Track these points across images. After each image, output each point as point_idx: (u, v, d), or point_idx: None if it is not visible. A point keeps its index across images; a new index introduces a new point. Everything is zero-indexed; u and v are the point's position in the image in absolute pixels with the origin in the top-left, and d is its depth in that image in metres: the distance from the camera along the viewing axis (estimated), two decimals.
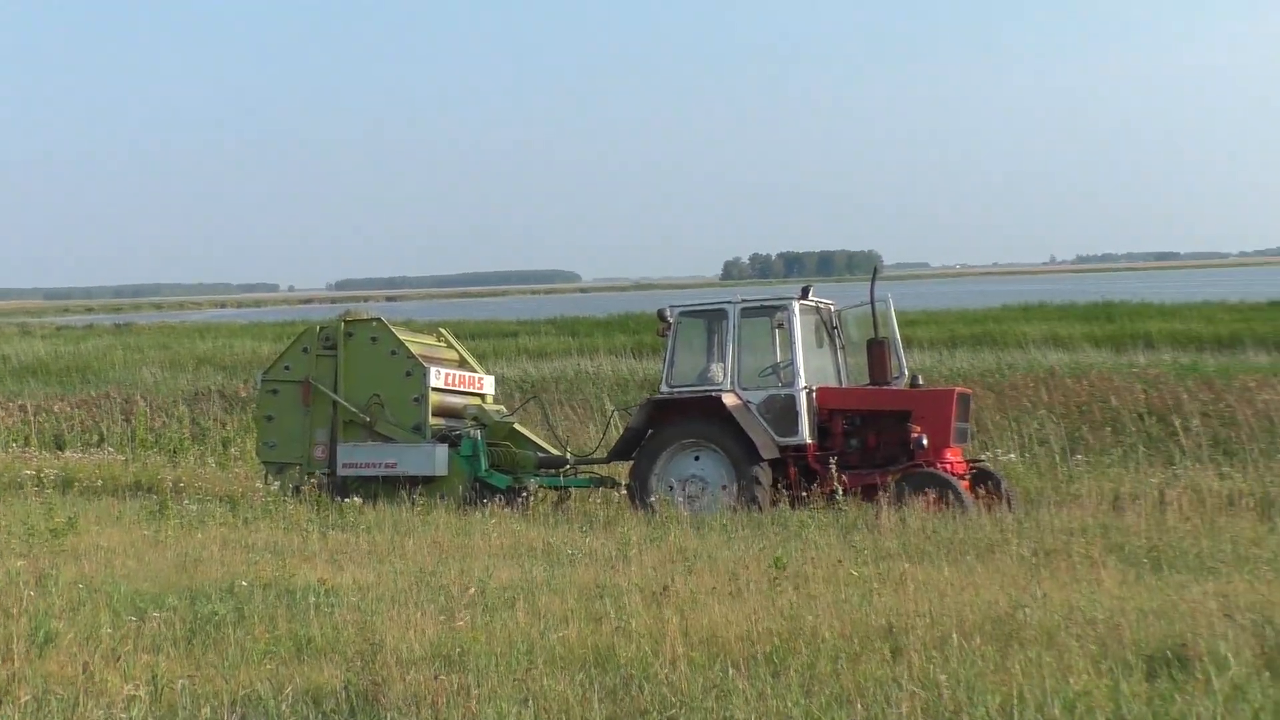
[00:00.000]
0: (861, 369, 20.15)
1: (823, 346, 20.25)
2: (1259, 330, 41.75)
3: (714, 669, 9.60)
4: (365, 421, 21.23)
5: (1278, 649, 9.62)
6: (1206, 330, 43.08)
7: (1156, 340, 41.20)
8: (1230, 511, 16.15)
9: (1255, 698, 8.51)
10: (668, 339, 20.11)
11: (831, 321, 20.43)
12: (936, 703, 8.69)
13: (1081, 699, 8.62)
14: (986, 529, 15.26)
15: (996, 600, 11.35)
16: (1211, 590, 11.49)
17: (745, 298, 20.21)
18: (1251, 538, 14.26)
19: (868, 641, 10.21)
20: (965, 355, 38.04)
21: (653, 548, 15.12)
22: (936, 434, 18.79)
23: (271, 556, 14.91)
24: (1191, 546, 13.97)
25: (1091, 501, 17.43)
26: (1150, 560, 13.47)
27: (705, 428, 19.29)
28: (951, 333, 44.81)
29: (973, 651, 9.74)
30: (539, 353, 45.41)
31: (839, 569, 13.02)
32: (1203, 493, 17.74)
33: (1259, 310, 51.31)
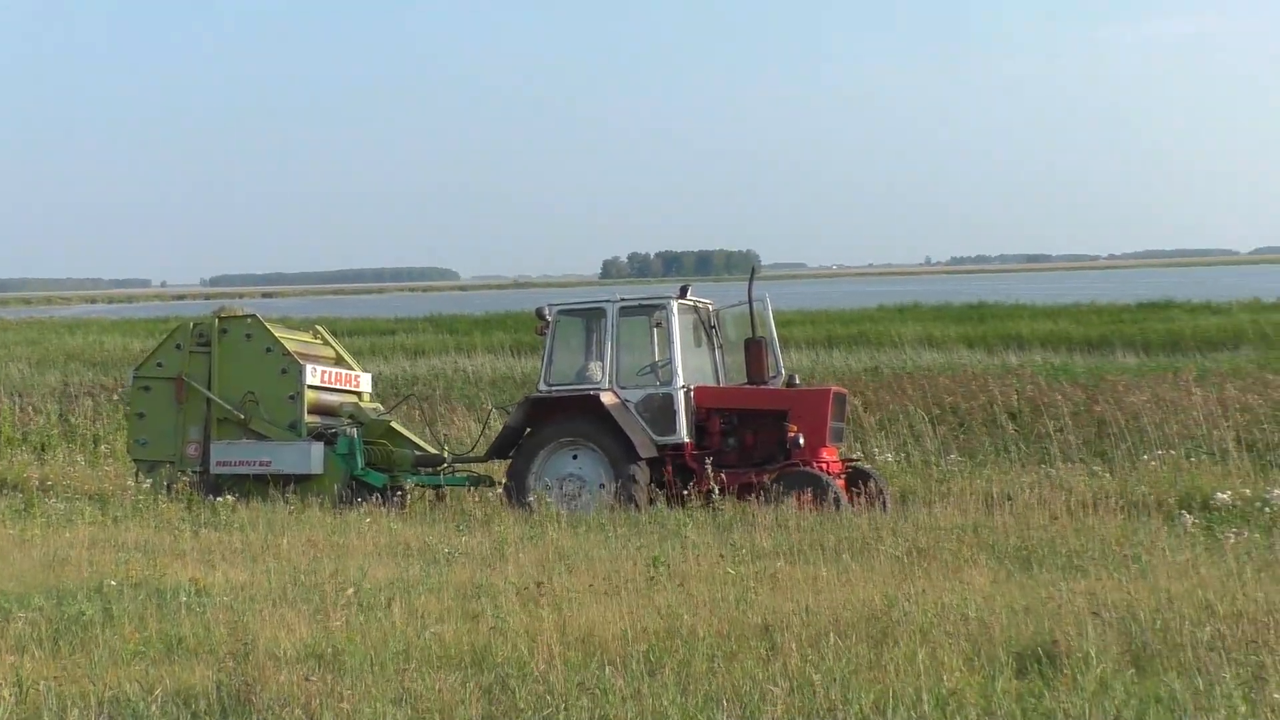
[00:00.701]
0: (739, 368, 20.26)
1: (701, 346, 20.32)
2: (1127, 332, 42.56)
3: (590, 668, 9.59)
4: (240, 419, 20.97)
5: (1143, 646, 9.80)
6: (1077, 331, 43.83)
7: (1028, 341, 41.85)
8: (1099, 511, 16.41)
9: (1120, 694, 8.66)
10: (546, 337, 20.08)
11: (709, 321, 20.50)
12: (811, 701, 8.75)
13: (953, 696, 8.73)
14: (862, 528, 15.39)
15: (871, 598, 11.45)
16: (1080, 588, 11.68)
17: (624, 297, 20.22)
18: (1119, 536, 14.51)
19: (744, 640, 10.25)
20: (842, 355, 38.41)
21: (530, 547, 15.08)
22: (813, 433, 18.92)
23: (142, 556, 14.68)
24: (1061, 545, 14.19)
25: (964, 501, 17.65)
26: (1021, 559, 13.67)
27: (583, 426, 19.28)
28: (828, 333, 45.18)
29: (847, 649, 9.82)
30: (417, 350, 45.14)
31: (716, 568, 13.07)
32: (1072, 492, 18.02)
33: (1128, 312, 52.31)
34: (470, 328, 55.20)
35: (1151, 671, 9.34)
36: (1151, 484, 18.64)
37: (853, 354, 38.71)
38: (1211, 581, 11.57)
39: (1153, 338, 41.22)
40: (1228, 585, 11.41)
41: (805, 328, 46.64)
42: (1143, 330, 42.88)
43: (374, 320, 63.91)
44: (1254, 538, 14.13)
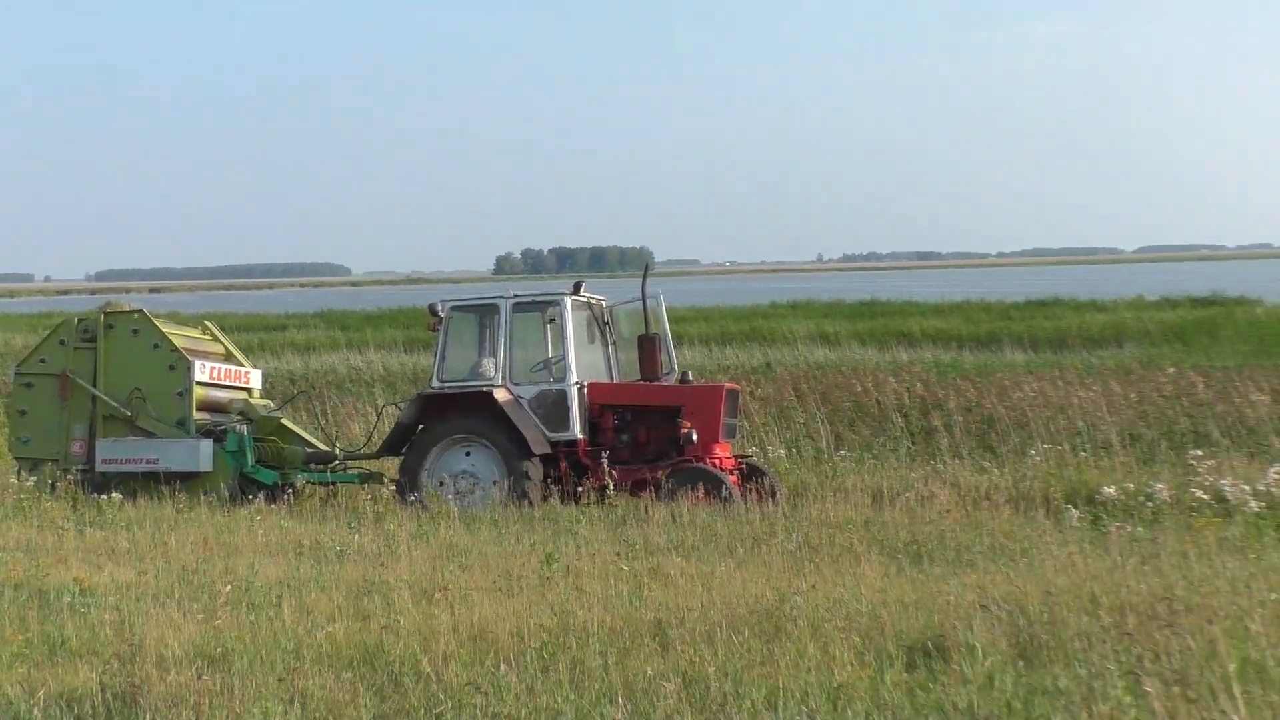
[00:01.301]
0: (633, 365, 20.28)
1: (594, 342, 20.32)
2: (1015, 329, 43.14)
3: (484, 665, 9.56)
4: (126, 416, 20.68)
5: (1030, 638, 9.93)
6: (966, 328, 44.36)
7: (919, 338, 42.30)
8: (987, 505, 16.60)
9: (1007, 686, 8.77)
10: (439, 334, 19.99)
11: (603, 317, 20.51)
12: (704, 695, 8.79)
13: (844, 689, 8.80)
14: (754, 523, 15.47)
15: (763, 594, 11.50)
16: (969, 582, 11.81)
17: (517, 293, 20.17)
18: (1007, 530, 14.69)
19: (637, 636, 10.26)
20: (735, 352, 38.59)
21: (423, 544, 15.01)
22: (706, 429, 18.99)
23: (24, 556, 14.43)
24: (950, 540, 14.34)
25: (856, 496, 17.79)
26: (911, 553, 13.80)
27: (476, 423, 19.22)
28: (721, 329, 45.37)
29: (740, 644, 9.87)
30: (308, 347, 44.76)
31: (609, 564, 13.08)
32: (962, 487, 18.23)
33: (1016, 309, 53.03)
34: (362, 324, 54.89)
35: (1038, 663, 9.46)
36: (1039, 479, 18.88)
37: (746, 351, 38.91)
38: (1097, 574, 11.74)
39: (1040, 335, 41.83)
40: (1112, 578, 11.58)
41: (699, 324, 46.82)
42: (1030, 327, 43.48)
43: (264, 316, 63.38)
44: (1138, 531, 14.36)
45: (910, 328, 44.51)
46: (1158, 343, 38.58)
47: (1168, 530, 14.25)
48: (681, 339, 33.52)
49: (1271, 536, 13.95)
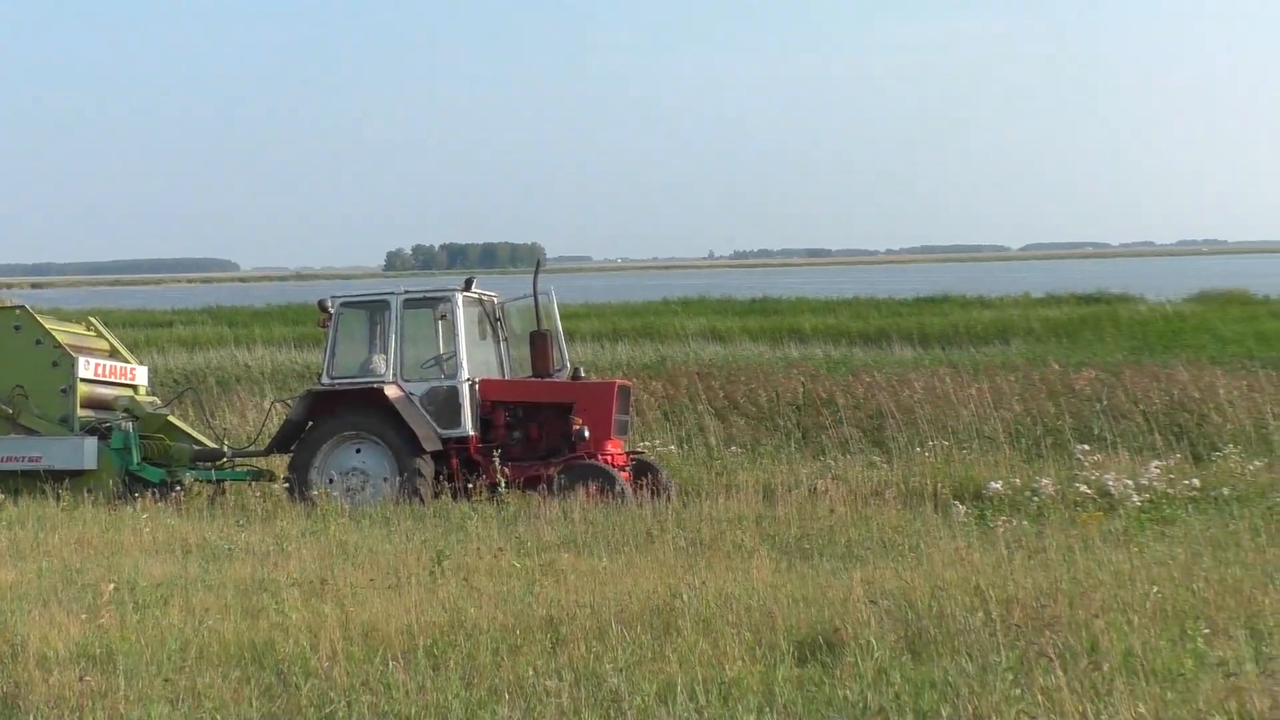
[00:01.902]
0: (525, 361, 20.24)
1: (486, 339, 20.26)
2: (904, 326, 43.54)
3: (374, 663, 9.50)
4: (7, 414, 20.32)
5: (919, 632, 10.03)
6: (856, 325, 44.71)
7: (810, 335, 42.57)
8: (877, 501, 16.74)
9: (897, 680, 8.85)
10: (329, 330, 19.85)
11: (495, 314, 20.45)
12: (595, 692, 8.79)
13: (736, 685, 8.84)
14: (646, 520, 15.49)
15: (655, 590, 11.52)
16: (859, 577, 11.90)
17: (408, 289, 20.07)
18: (896, 525, 14.83)
19: (529, 632, 10.25)
20: (627, 348, 38.61)
21: (312, 541, 14.88)
22: (598, 426, 19.00)
23: None
24: (841, 535, 14.45)
25: (747, 492, 17.87)
26: (802, 549, 13.89)
27: (366, 420, 19.10)
28: (613, 325, 45.38)
29: (632, 640, 9.88)
30: (194, 343, 44.21)
31: (500, 561, 13.05)
32: (852, 483, 18.37)
33: (905, 306, 53.54)
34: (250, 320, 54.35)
35: (927, 657, 9.56)
36: (927, 474, 19.07)
37: (638, 347, 38.95)
38: (984, 568, 11.87)
39: (928, 331, 42.23)
40: (999, 572, 11.72)
41: (591, 321, 46.80)
42: (919, 324, 43.90)
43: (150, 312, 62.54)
44: (1024, 525, 14.55)
45: (801, 324, 44.79)
46: (1044, 339, 39.09)
47: (1053, 525, 14.47)
48: (573, 335, 33.50)
49: (1153, 530, 14.18)
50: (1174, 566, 11.88)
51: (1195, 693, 8.45)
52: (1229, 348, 31.67)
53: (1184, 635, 9.81)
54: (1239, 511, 15.07)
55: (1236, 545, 12.92)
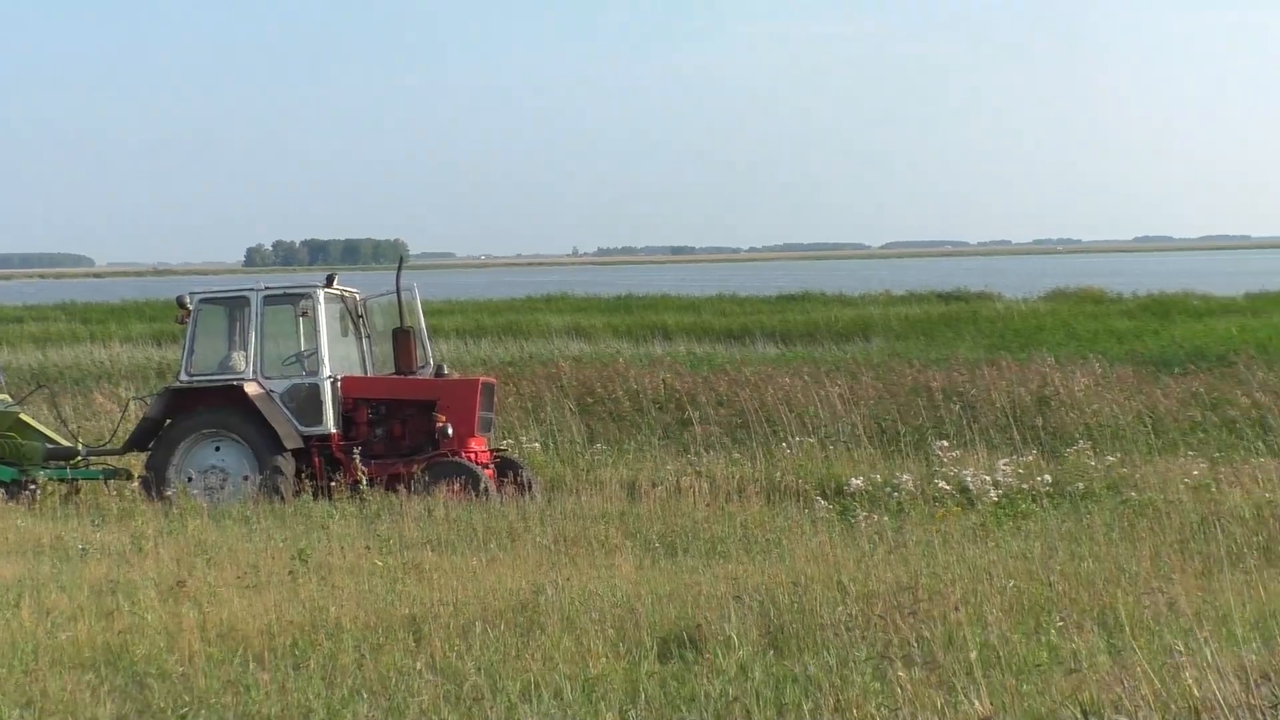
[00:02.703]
0: (387, 358, 20.10)
1: (348, 335, 20.10)
2: (767, 323, 43.90)
3: (233, 663, 9.39)
4: None
5: (781, 627, 10.11)
6: (719, 322, 45.01)
7: (673, 331, 42.76)
8: (740, 497, 16.84)
9: (758, 675, 8.92)
10: (187, 327, 19.56)
11: (357, 310, 20.29)
12: (459, 690, 8.76)
13: (599, 681, 8.85)
14: (510, 517, 15.46)
15: (519, 587, 11.51)
16: (722, 573, 11.98)
17: (268, 285, 19.85)
18: (759, 521, 14.93)
19: (391, 631, 10.19)
20: (491, 345, 38.54)
21: (170, 541, 14.65)
22: (461, 423, 18.93)
23: None
24: (704, 531, 14.52)
25: (611, 489, 17.89)
26: (665, 545, 13.93)
27: (226, 417, 18.86)
28: (477, 322, 45.29)
29: (495, 638, 9.86)
30: (47, 340, 43.37)
31: (363, 559, 12.95)
32: (715, 479, 18.45)
33: (767, 304, 53.98)
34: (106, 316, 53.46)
35: (789, 652, 9.64)
36: (790, 471, 19.22)
37: (501, 344, 38.88)
38: (845, 564, 12.00)
39: (791, 329, 42.62)
40: (860, 567, 11.86)
41: (454, 317, 46.67)
42: (782, 321, 44.29)
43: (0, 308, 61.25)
44: (884, 521, 14.72)
45: (665, 321, 44.98)
46: (904, 337, 39.57)
47: (913, 520, 14.66)
48: (437, 332, 33.35)
49: (1010, 525, 14.42)
50: (1029, 561, 12.10)
51: (1049, 684, 8.61)
52: (1083, 345, 32.28)
53: (1039, 628, 10.00)
54: (1091, 506, 15.38)
55: (1089, 539, 13.17)
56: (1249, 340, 30.60)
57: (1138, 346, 31.45)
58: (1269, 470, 16.90)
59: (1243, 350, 27.17)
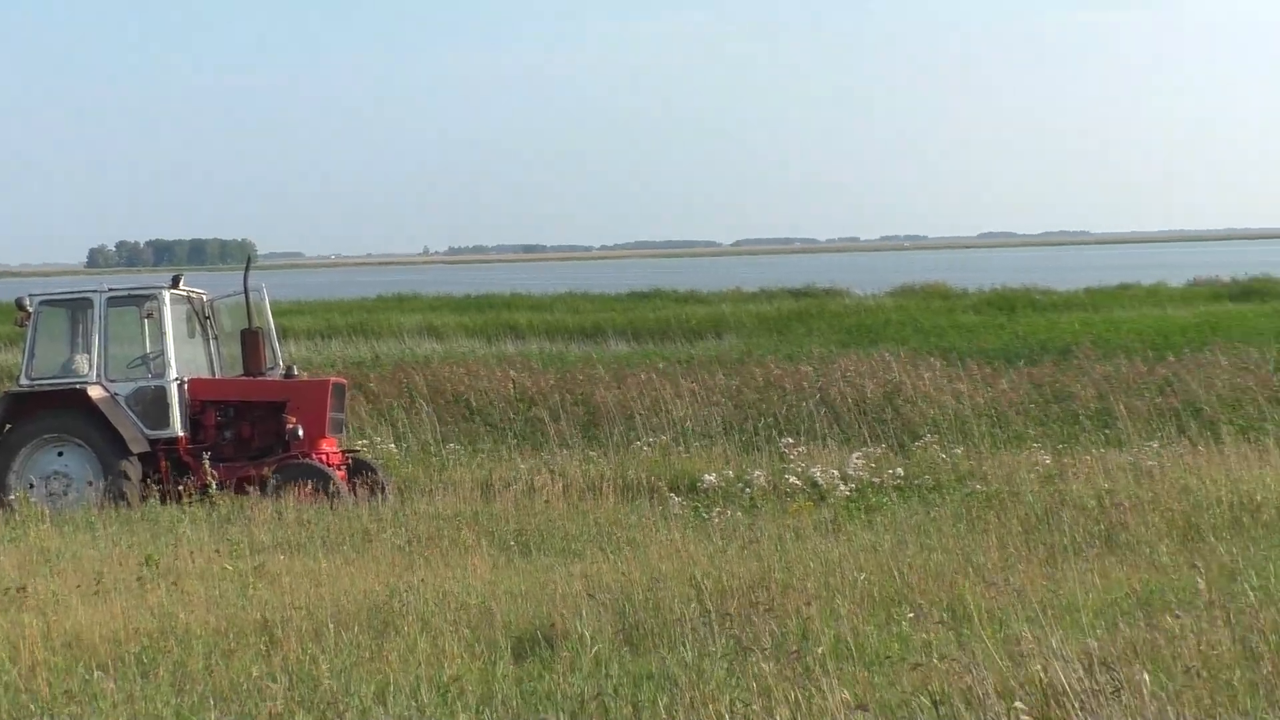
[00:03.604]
0: (236, 360, 19.86)
1: (195, 337, 19.81)
2: (619, 321, 44.03)
3: (78, 673, 9.20)
4: None
5: (636, 624, 10.15)
6: (571, 320, 45.05)
7: (526, 331, 42.74)
8: (594, 495, 16.87)
9: (615, 672, 8.95)
10: (28, 329, 19.16)
11: (204, 312, 20.01)
12: (312, 694, 8.68)
13: (454, 683, 8.82)
14: (363, 519, 15.34)
15: (373, 589, 11.44)
16: (577, 572, 11.99)
17: (112, 286, 19.51)
18: (613, 519, 14.97)
19: (242, 636, 10.06)
20: (341, 345, 38.23)
21: (11, 548, 14.35)
22: (312, 424, 18.75)
23: None
24: (559, 530, 14.52)
25: (465, 488, 17.83)
26: (520, 544, 13.92)
27: (69, 422, 18.49)
28: (327, 323, 44.93)
29: (349, 641, 9.78)
30: None
31: (213, 564, 12.77)
32: (569, 477, 18.45)
33: (619, 302, 54.11)
34: None
35: (645, 648, 9.69)
36: (643, 468, 19.29)
37: (352, 344, 38.58)
38: (699, 560, 12.07)
39: (643, 326, 42.76)
40: (714, 563, 11.93)
41: (304, 318, 46.25)
42: (633, 319, 44.41)
43: None
44: (737, 516, 14.84)
45: (517, 320, 44.94)
46: (756, 333, 39.88)
47: (766, 515, 14.78)
48: (286, 333, 32.99)
49: (861, 519, 14.60)
50: (880, 554, 12.27)
51: (900, 676, 8.74)
52: (930, 339, 32.78)
53: (890, 620, 10.15)
54: (940, 499, 15.63)
55: (938, 531, 13.39)
56: (1089, 333, 31.30)
57: (983, 341, 32.00)
58: (1109, 460, 17.31)
59: (1083, 343, 27.79)
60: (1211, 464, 16.17)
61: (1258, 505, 13.88)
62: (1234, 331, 30.47)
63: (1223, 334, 29.76)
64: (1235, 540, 12.66)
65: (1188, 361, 24.50)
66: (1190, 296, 48.66)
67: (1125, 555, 12.40)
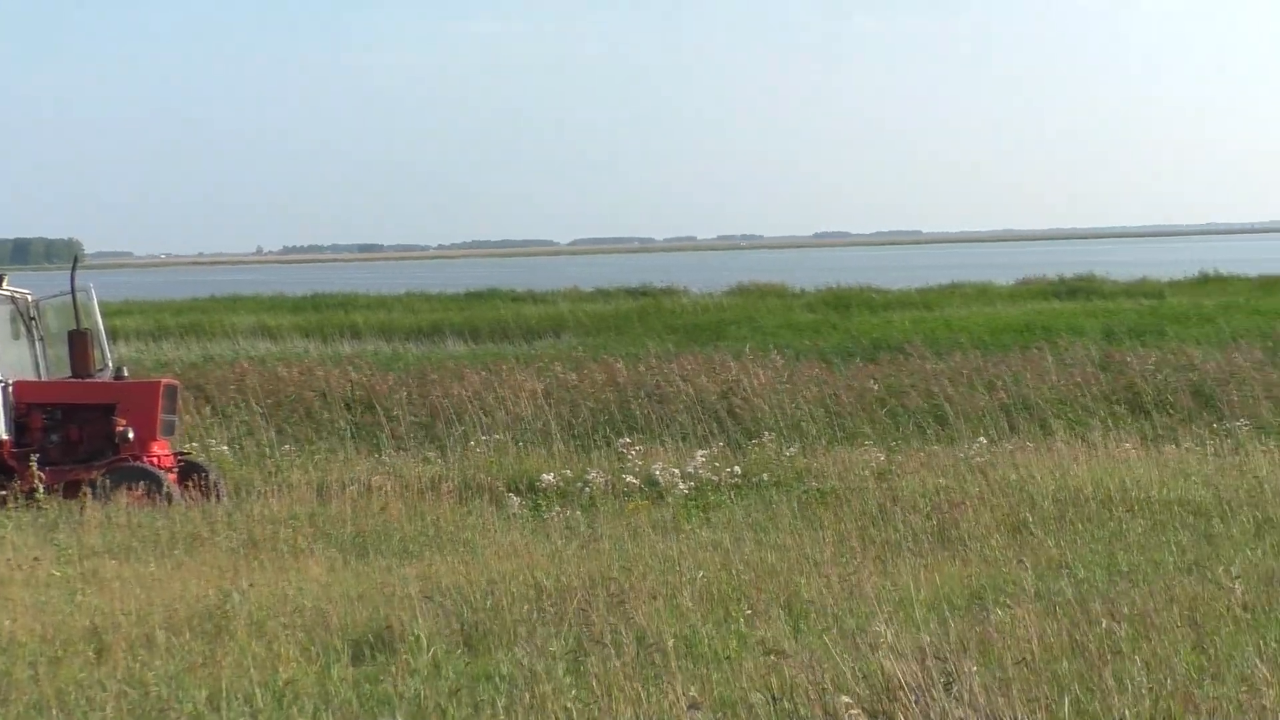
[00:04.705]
0: (63, 361, 19.42)
1: (19, 339, 19.35)
2: (456, 320, 43.91)
3: None
4: None
5: (475, 626, 10.11)
6: (409, 320, 44.83)
7: (363, 330, 42.44)
8: (431, 496, 16.76)
9: (452, 673, 8.91)
10: None
11: (29, 312, 19.54)
12: (143, 701, 8.53)
13: (289, 687, 8.72)
14: (195, 522, 15.08)
15: (206, 593, 11.25)
16: (414, 572, 11.91)
17: None
18: (452, 519, 14.90)
19: (70, 644, 9.85)
20: (173, 346, 37.64)
21: None
22: (143, 427, 18.41)
23: None
24: (396, 531, 14.42)
25: (300, 490, 17.61)
26: (357, 546, 13.80)
27: None
28: (158, 323, 44.25)
29: (181, 646, 9.63)
30: None
31: (38, 569, 12.46)
32: (407, 478, 18.32)
33: (456, 301, 53.93)
34: None
35: (484, 649, 9.66)
36: (482, 468, 19.22)
37: (184, 345, 38.01)
38: (538, 560, 12.07)
39: (481, 326, 42.67)
40: (553, 562, 11.94)
41: (134, 318, 45.51)
42: (471, 319, 44.32)
43: None
44: (576, 516, 14.86)
45: (354, 320, 44.61)
46: (594, 332, 39.98)
47: (604, 515, 14.82)
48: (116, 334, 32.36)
49: (700, 518, 14.70)
50: (718, 552, 12.36)
51: (739, 672, 8.81)
52: (767, 338, 33.11)
53: (728, 617, 10.23)
54: (777, 496, 15.79)
55: (776, 529, 13.54)
56: (922, 332, 31.86)
57: (819, 340, 32.41)
58: (942, 457, 17.63)
59: (916, 341, 28.28)
60: (1041, 459, 16.55)
61: (1086, 499, 14.25)
62: (1061, 329, 31.22)
63: (1050, 332, 30.50)
64: (1062, 534, 12.98)
65: (1017, 359, 25.05)
66: (1018, 295, 49.76)
67: (957, 550, 12.64)
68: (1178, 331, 30.83)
